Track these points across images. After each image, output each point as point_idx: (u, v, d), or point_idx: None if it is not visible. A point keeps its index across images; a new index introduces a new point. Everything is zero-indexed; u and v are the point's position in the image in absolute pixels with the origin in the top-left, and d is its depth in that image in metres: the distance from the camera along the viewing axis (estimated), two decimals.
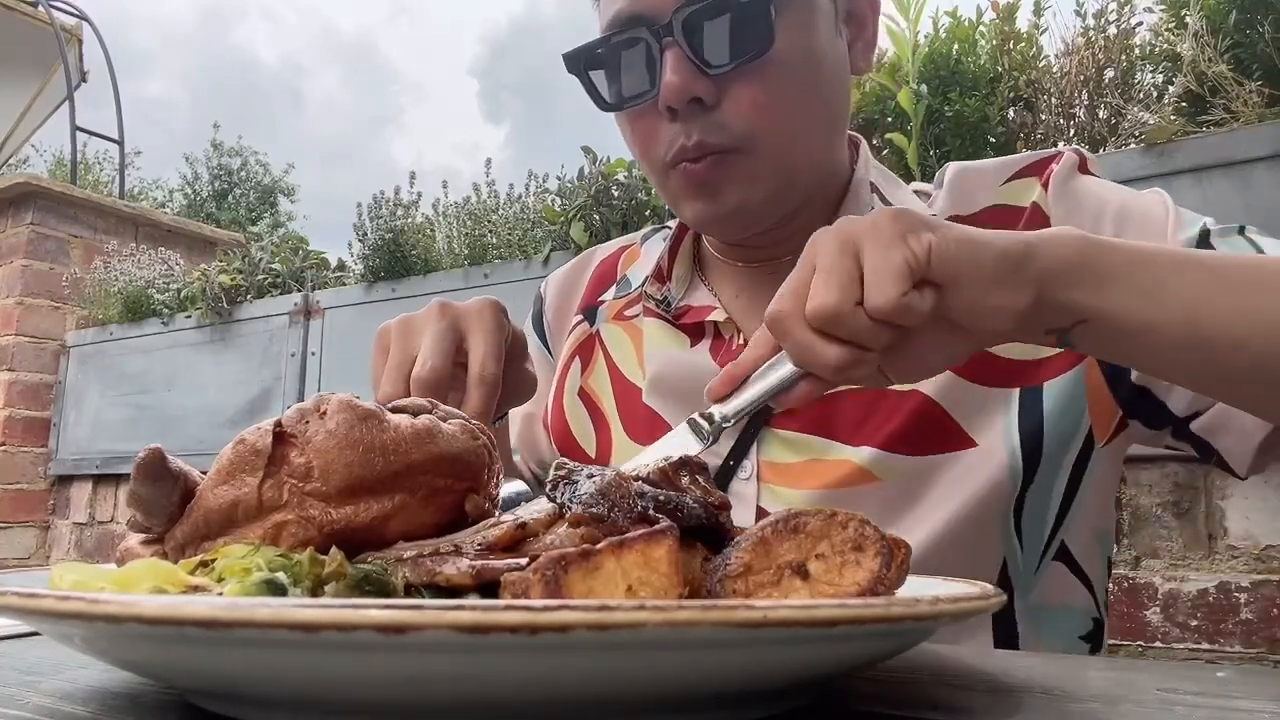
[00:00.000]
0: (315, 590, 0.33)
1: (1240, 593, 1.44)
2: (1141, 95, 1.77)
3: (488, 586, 0.32)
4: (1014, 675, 0.39)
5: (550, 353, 0.88)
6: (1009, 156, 0.72)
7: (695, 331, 0.74)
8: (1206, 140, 1.54)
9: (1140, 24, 1.83)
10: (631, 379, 0.78)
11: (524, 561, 0.32)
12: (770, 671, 0.28)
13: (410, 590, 0.33)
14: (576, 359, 0.83)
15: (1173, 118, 1.62)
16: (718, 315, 0.73)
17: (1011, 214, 0.68)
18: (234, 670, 0.26)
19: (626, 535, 0.30)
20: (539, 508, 0.36)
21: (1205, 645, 1.48)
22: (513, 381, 0.63)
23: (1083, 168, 0.69)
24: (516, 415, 0.86)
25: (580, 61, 0.69)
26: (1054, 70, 1.87)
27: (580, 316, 0.86)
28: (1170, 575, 1.52)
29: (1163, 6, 1.77)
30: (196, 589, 0.33)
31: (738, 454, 0.69)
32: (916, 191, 0.76)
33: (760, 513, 0.68)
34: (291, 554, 0.35)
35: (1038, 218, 0.67)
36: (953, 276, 0.47)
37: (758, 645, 0.25)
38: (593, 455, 0.79)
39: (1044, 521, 0.67)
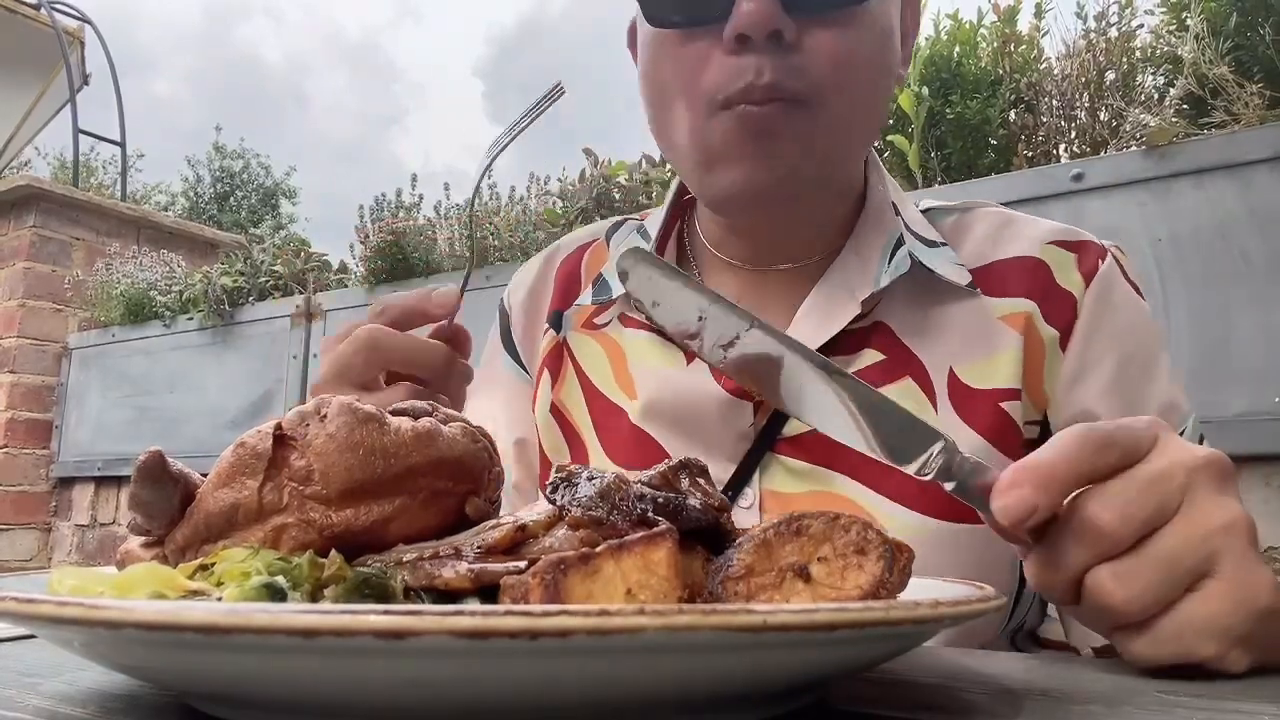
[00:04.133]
0: (315, 594, 0.33)
1: None
2: (1142, 97, 1.77)
3: (487, 589, 0.32)
4: (1014, 677, 0.39)
5: (526, 369, 0.78)
6: (1052, 223, 0.68)
7: (688, 351, 0.66)
8: (1207, 142, 1.54)
9: (1141, 26, 1.83)
10: (611, 397, 0.71)
11: (523, 565, 0.32)
12: (770, 675, 0.28)
13: (410, 593, 0.33)
14: (546, 371, 0.75)
15: (1174, 120, 1.62)
16: None
17: (1046, 275, 0.64)
18: (232, 675, 0.26)
19: (626, 538, 0.30)
20: (539, 510, 0.36)
21: None
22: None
23: (1125, 274, 0.66)
24: (509, 447, 0.75)
25: None
26: (1055, 72, 1.87)
27: (547, 324, 0.77)
28: None
29: (1164, 9, 1.77)
30: (195, 593, 0.33)
31: (738, 481, 0.63)
32: (930, 209, 0.72)
33: None
34: (291, 557, 0.35)
35: (1070, 307, 0.64)
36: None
37: (758, 649, 0.25)
38: None
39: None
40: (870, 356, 0.65)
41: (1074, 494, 0.38)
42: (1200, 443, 0.59)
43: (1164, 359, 0.64)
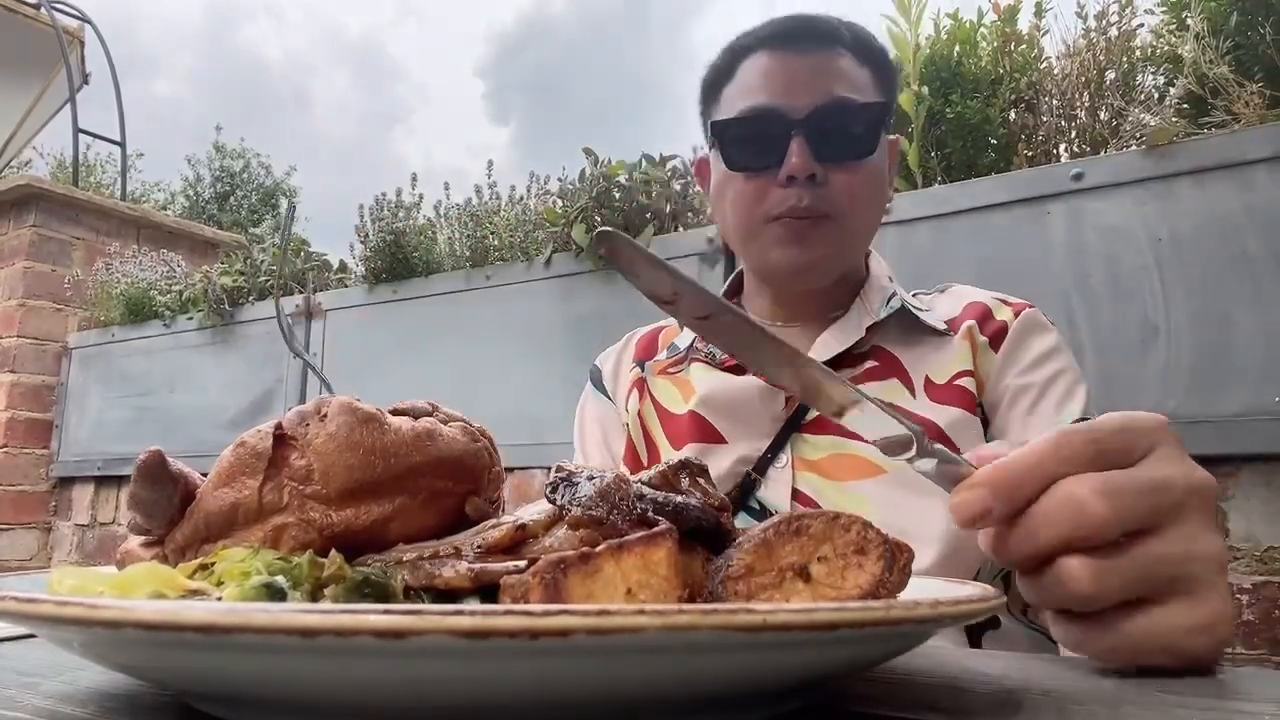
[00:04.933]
0: (315, 593, 0.33)
1: (1242, 594, 1.44)
2: (1143, 97, 1.77)
3: (487, 589, 0.32)
4: (1014, 677, 0.39)
5: (613, 400, 1.06)
6: (995, 293, 0.95)
7: (737, 370, 0.93)
8: (1208, 142, 1.54)
9: (1141, 25, 1.83)
10: (677, 412, 0.96)
11: (523, 564, 0.32)
12: (770, 674, 0.28)
13: (410, 593, 0.33)
14: (634, 391, 1.02)
15: (1174, 119, 1.62)
16: None
17: (986, 310, 0.91)
18: (232, 675, 0.26)
19: (626, 538, 0.30)
20: (539, 509, 0.36)
21: None
22: None
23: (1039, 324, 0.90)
24: (607, 457, 1.03)
25: (721, 130, 0.89)
26: (1055, 72, 1.87)
27: (634, 364, 1.05)
28: None
29: (1164, 8, 1.77)
30: (195, 593, 0.33)
31: (775, 448, 0.87)
32: (914, 295, 0.97)
33: (795, 493, 0.84)
34: (291, 557, 0.35)
35: (1002, 328, 0.89)
36: None
37: (758, 649, 0.25)
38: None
39: None
40: (868, 364, 0.89)
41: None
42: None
43: (1070, 370, 0.86)
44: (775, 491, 0.84)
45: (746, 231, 0.90)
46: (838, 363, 0.89)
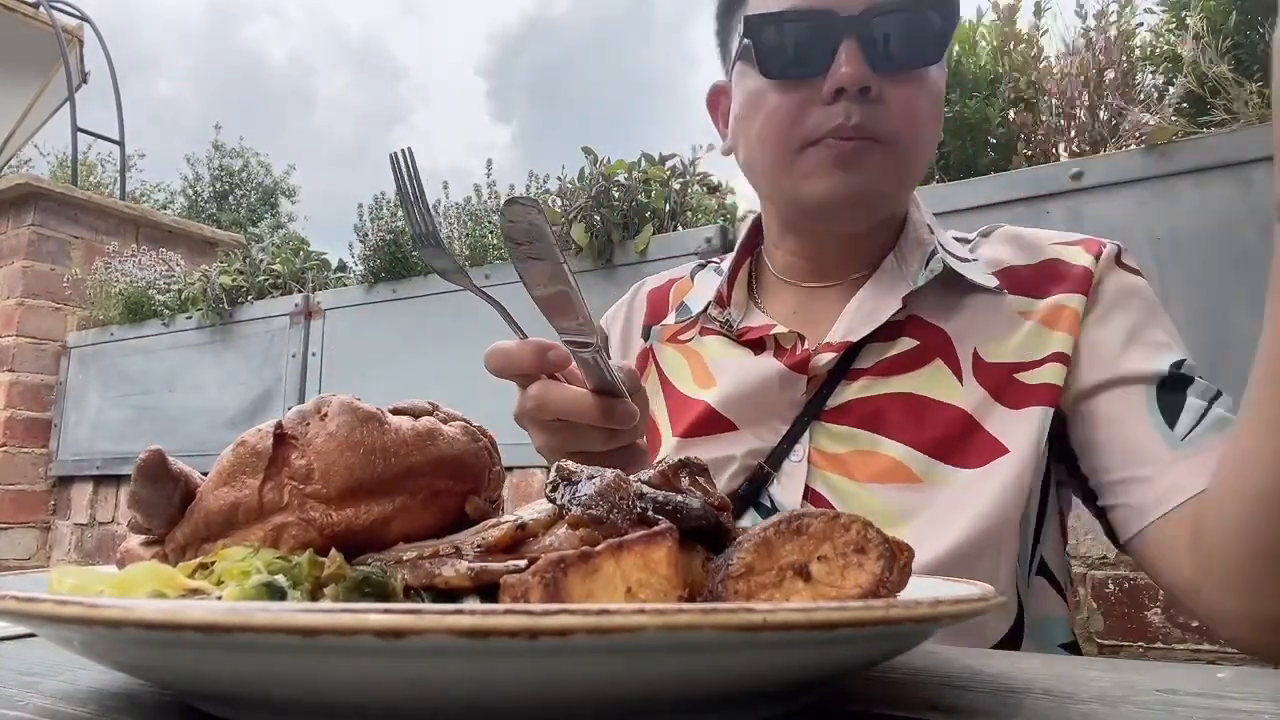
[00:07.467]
0: (315, 593, 0.33)
1: None
2: (1142, 96, 1.77)
3: (487, 588, 0.32)
4: (1015, 676, 0.39)
5: None
6: (1055, 231, 0.82)
7: (756, 346, 0.82)
8: (1207, 141, 1.54)
9: (1141, 25, 1.83)
10: (685, 392, 0.85)
11: (523, 563, 0.32)
12: (770, 674, 0.28)
13: (410, 592, 0.33)
14: (640, 366, 0.91)
15: (1173, 118, 1.62)
16: (779, 329, 0.81)
17: (1065, 267, 0.76)
18: (232, 674, 0.26)
19: (626, 537, 0.30)
20: (539, 509, 0.36)
21: (1206, 646, 1.48)
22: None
23: (1119, 259, 0.77)
24: None
25: (757, 28, 0.75)
26: (1054, 71, 1.87)
27: (640, 336, 0.95)
28: None
29: (1163, 7, 1.77)
30: (195, 592, 0.33)
31: (791, 439, 0.77)
32: (956, 238, 0.85)
33: (809, 492, 0.75)
34: (291, 556, 0.35)
35: (1086, 279, 0.75)
36: None
37: (758, 648, 0.25)
38: None
39: (1028, 535, 0.74)
40: (905, 344, 0.76)
41: None
42: (1191, 386, 0.69)
43: (1164, 315, 0.75)
44: (787, 490, 0.75)
45: (779, 158, 0.76)
46: (864, 342, 0.77)
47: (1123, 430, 0.69)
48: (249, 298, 3.15)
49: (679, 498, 0.36)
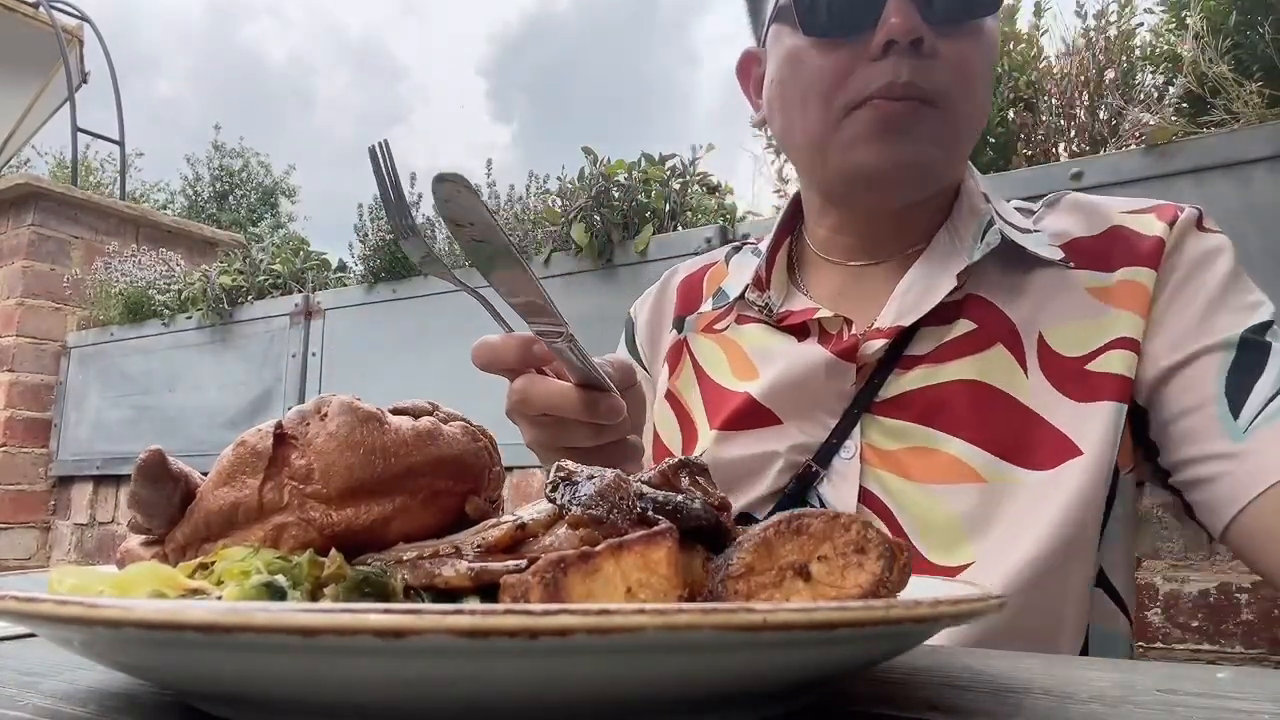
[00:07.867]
0: (315, 593, 0.33)
1: (1241, 593, 1.44)
2: (1142, 96, 1.77)
3: (487, 588, 0.32)
4: (1015, 676, 0.39)
5: (648, 368, 0.91)
6: (1129, 198, 0.75)
7: (799, 331, 0.76)
8: (1207, 141, 1.54)
9: (1141, 25, 1.83)
10: (723, 384, 0.80)
11: (523, 563, 0.32)
12: (770, 674, 0.28)
13: (410, 592, 0.33)
14: (666, 365, 0.87)
15: (1173, 118, 1.62)
16: (824, 313, 0.74)
17: (1135, 238, 0.70)
18: (232, 674, 0.26)
19: (626, 537, 0.30)
20: (539, 509, 0.36)
21: (1206, 646, 1.48)
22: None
23: (1200, 224, 0.71)
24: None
25: None
26: (1054, 71, 1.87)
27: (672, 327, 0.89)
28: (1171, 576, 1.52)
29: (1163, 7, 1.77)
30: (195, 592, 0.33)
31: (841, 433, 0.71)
32: (1018, 208, 0.79)
33: (863, 492, 0.69)
34: (291, 556, 0.35)
35: (1157, 251, 0.68)
36: None
37: (758, 648, 0.25)
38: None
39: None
40: (963, 327, 0.70)
41: None
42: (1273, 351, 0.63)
43: (1245, 278, 0.69)
44: (839, 490, 0.69)
45: (822, 124, 0.70)
46: (917, 326, 0.70)
47: (1193, 416, 0.64)
48: (249, 298, 3.15)
49: (679, 498, 0.36)
